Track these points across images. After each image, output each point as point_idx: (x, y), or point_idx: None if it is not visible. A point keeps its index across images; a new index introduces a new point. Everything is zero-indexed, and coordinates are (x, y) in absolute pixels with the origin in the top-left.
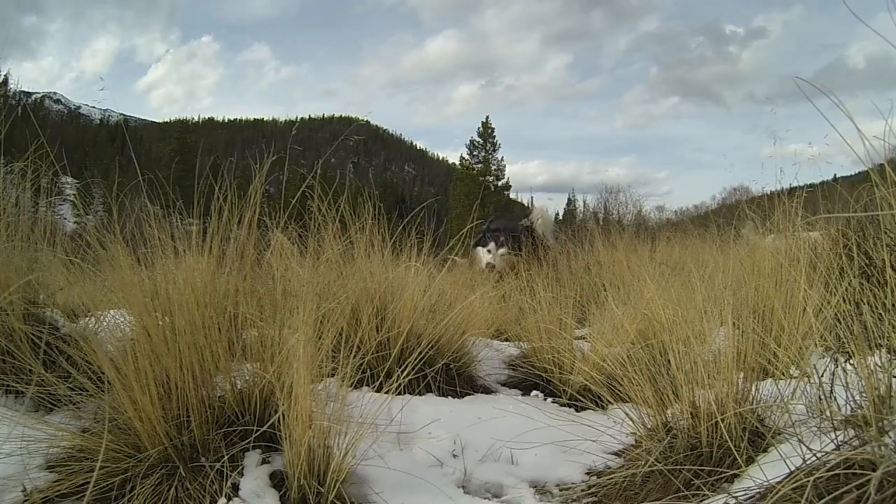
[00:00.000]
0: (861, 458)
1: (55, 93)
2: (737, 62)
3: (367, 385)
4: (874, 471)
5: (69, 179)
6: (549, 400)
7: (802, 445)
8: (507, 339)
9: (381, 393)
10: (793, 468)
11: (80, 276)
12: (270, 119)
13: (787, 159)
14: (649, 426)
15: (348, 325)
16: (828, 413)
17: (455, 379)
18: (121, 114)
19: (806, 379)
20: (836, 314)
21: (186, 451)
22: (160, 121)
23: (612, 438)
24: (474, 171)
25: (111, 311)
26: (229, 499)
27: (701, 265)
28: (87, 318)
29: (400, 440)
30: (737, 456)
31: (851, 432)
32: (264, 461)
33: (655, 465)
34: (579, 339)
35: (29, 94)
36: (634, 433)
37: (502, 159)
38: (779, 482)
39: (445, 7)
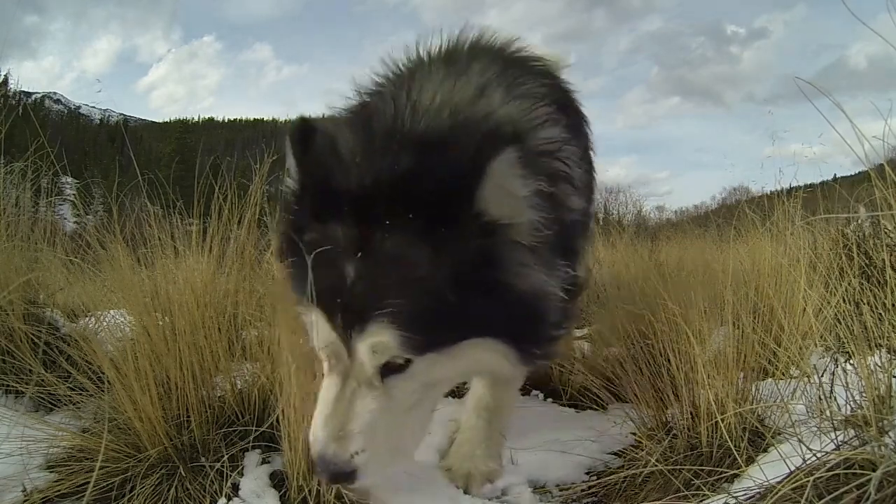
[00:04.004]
0: (861, 458)
1: (55, 93)
2: (738, 62)
3: None
4: (874, 471)
5: (69, 179)
6: (549, 400)
7: (802, 445)
8: None
9: None
10: (793, 468)
11: (80, 276)
12: (270, 119)
13: (787, 159)
14: (649, 426)
15: None
16: (828, 413)
17: None
18: (121, 114)
19: (806, 379)
20: (836, 314)
21: (186, 451)
22: (160, 121)
23: (612, 438)
24: None
25: (111, 311)
26: (229, 499)
27: (701, 265)
28: (87, 318)
29: None
30: (737, 456)
31: (851, 432)
32: (264, 461)
33: (655, 466)
34: (579, 339)
35: (29, 94)
36: (634, 433)
37: None
38: (779, 482)
39: (447, 7)
